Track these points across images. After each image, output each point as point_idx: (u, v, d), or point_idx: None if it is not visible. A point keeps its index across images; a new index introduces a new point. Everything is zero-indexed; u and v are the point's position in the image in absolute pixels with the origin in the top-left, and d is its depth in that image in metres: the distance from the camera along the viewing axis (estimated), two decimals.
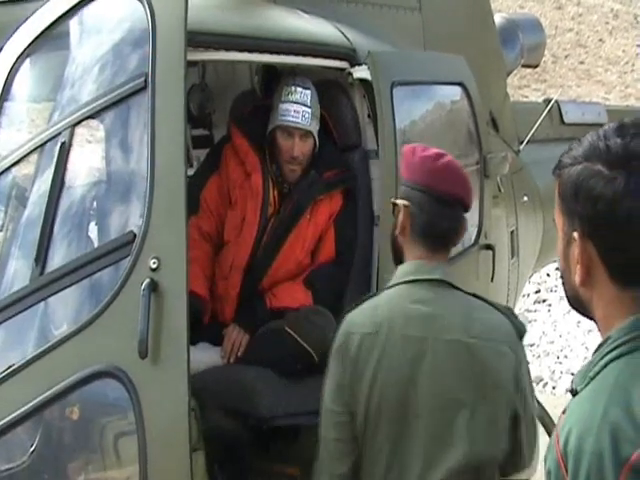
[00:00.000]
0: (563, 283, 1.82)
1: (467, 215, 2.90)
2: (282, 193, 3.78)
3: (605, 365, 1.65)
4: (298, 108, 3.68)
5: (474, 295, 2.78)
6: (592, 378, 1.67)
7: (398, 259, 2.88)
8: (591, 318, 1.78)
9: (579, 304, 1.79)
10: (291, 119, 3.68)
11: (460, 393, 2.65)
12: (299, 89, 3.70)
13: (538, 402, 4.82)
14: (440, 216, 2.77)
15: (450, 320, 2.69)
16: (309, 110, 3.69)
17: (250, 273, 3.73)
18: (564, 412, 1.69)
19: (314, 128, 3.74)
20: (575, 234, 1.71)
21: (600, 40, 26.23)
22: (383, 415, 2.66)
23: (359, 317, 2.73)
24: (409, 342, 2.66)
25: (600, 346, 1.70)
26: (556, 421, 1.71)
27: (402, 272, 2.77)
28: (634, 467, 1.50)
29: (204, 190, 3.77)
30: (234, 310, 3.73)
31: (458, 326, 2.68)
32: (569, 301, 1.83)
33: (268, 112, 3.79)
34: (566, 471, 1.59)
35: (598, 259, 1.69)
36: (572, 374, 9.56)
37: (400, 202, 2.81)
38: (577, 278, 1.73)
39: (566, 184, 1.76)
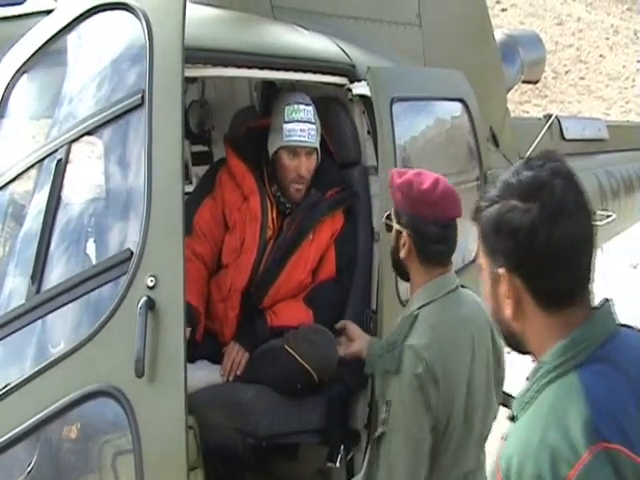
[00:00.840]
0: (497, 323, 1.90)
1: (467, 231, 2.96)
2: (281, 213, 3.76)
3: (540, 390, 1.73)
4: (304, 127, 3.65)
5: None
6: (529, 403, 1.74)
7: (406, 276, 3.09)
8: (528, 352, 1.86)
9: (515, 340, 1.86)
10: (298, 138, 3.64)
11: (490, 391, 3.06)
12: (302, 107, 3.66)
13: None
14: (445, 239, 2.97)
15: (479, 317, 3.04)
16: (314, 127, 3.67)
17: (250, 294, 3.71)
18: (504, 438, 1.76)
19: (318, 144, 3.72)
20: (501, 270, 1.79)
21: (601, 56, 26.29)
22: (462, 418, 2.95)
23: (424, 340, 2.88)
24: (468, 346, 2.98)
25: (534, 373, 1.78)
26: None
27: (427, 295, 2.98)
28: None
29: (196, 215, 3.73)
30: (234, 331, 3.70)
31: (484, 320, 3.03)
32: (506, 341, 1.91)
33: (262, 134, 3.76)
34: None
35: (525, 290, 1.77)
36: None
37: (404, 231, 2.96)
38: (508, 312, 1.81)
39: (486, 225, 1.83)
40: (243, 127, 3.95)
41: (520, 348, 1.88)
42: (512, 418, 1.81)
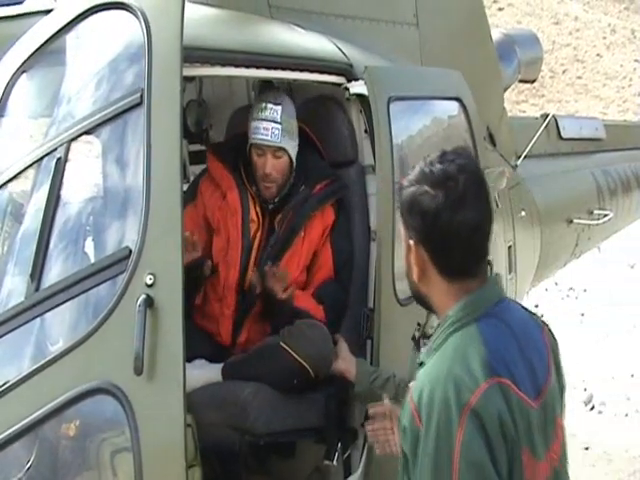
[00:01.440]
0: (408, 283, 2.31)
1: None
2: (266, 210, 3.79)
3: (446, 339, 2.15)
4: (267, 125, 3.68)
5: None
6: (436, 350, 2.16)
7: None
8: (429, 308, 2.31)
9: (420, 297, 2.29)
10: (261, 136, 3.69)
11: None
12: (269, 105, 3.70)
13: None
14: None
15: None
16: (279, 126, 3.68)
17: (244, 292, 3.73)
18: (414, 382, 2.15)
19: (287, 144, 3.73)
20: (411, 242, 2.20)
21: (598, 55, 26.31)
22: None
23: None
24: None
25: (439, 325, 2.21)
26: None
27: None
28: (472, 408, 2.00)
29: None
30: (230, 329, 3.73)
31: None
32: (413, 296, 2.34)
33: (245, 135, 3.80)
34: (420, 422, 2.04)
35: (429, 261, 2.18)
36: (573, 389, 9.54)
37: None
38: (415, 276, 2.23)
39: (404, 202, 2.21)
40: (240, 127, 3.98)
41: (425, 305, 2.31)
42: (421, 364, 2.22)
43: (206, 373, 3.52)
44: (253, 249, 3.74)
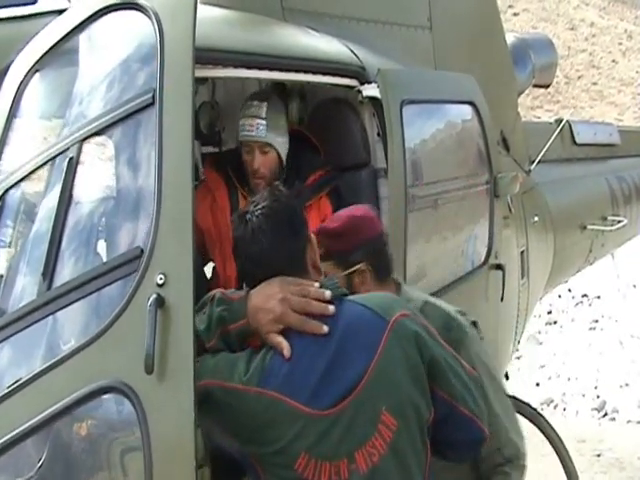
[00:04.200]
0: None
1: (476, 235, 3.05)
2: None
3: None
4: (252, 122, 3.79)
5: None
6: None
7: None
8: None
9: None
10: (246, 133, 3.81)
11: None
12: (255, 102, 3.82)
13: (548, 423, 4.80)
14: None
15: None
16: (263, 122, 3.77)
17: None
18: None
19: (273, 140, 3.81)
20: None
21: (613, 61, 26.27)
22: None
23: None
24: None
25: None
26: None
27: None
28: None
29: None
30: None
31: None
32: None
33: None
34: None
35: None
36: (583, 395, 9.52)
37: (361, 264, 3.08)
38: None
39: None
40: None
41: None
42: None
43: None
44: None
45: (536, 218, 5.94)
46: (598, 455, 7.86)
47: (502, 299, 4.83)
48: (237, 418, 2.55)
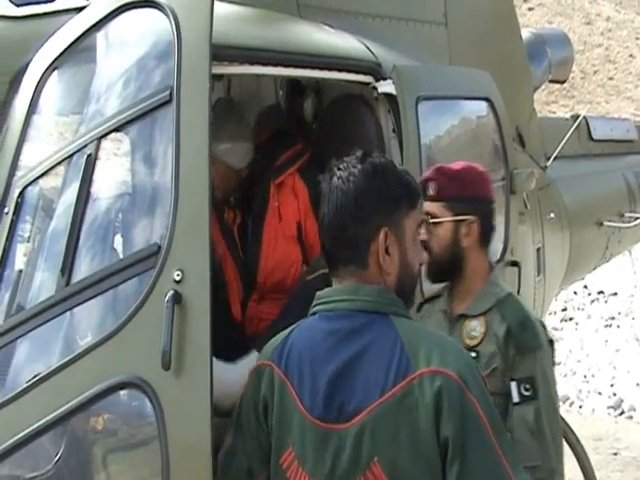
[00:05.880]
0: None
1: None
2: (237, 206, 4.01)
3: None
4: None
5: None
6: None
7: (457, 271, 3.11)
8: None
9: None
10: None
11: None
12: None
13: (563, 420, 4.79)
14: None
15: None
16: None
17: (245, 274, 3.89)
18: None
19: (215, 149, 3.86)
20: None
21: (630, 56, 26.12)
22: None
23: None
24: None
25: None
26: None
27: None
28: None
29: None
30: (239, 309, 3.85)
31: None
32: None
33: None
34: None
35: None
36: (599, 393, 9.49)
37: (469, 218, 3.06)
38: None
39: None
40: (267, 125, 4.07)
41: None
42: None
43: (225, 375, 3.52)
44: (235, 232, 3.93)
45: (552, 214, 5.91)
46: (615, 454, 7.83)
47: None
48: None
